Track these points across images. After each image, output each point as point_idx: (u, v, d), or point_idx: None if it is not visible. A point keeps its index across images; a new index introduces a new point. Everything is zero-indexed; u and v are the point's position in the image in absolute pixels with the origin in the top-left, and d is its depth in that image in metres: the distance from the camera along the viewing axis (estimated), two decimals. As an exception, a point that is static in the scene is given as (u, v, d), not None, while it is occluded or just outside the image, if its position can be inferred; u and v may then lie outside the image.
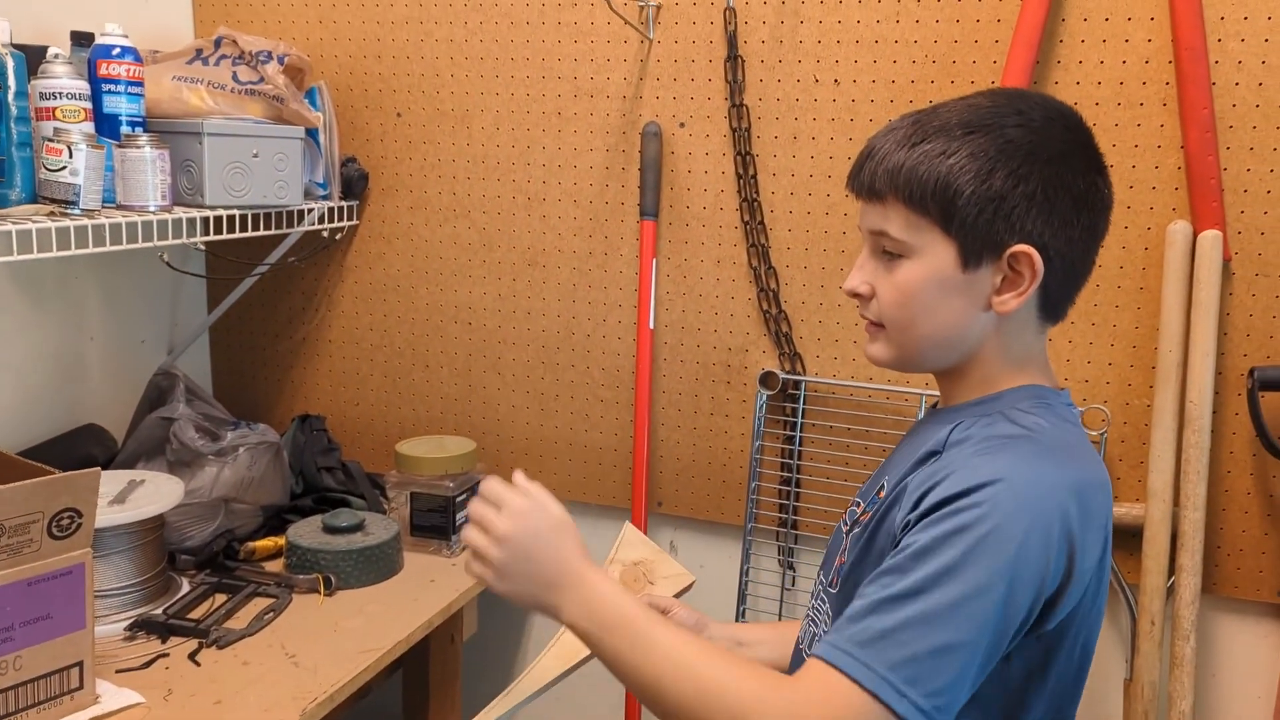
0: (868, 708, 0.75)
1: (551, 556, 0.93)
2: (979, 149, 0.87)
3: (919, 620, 0.76)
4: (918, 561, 0.79)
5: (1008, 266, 0.88)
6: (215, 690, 1.35)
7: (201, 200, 1.64)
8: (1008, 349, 0.93)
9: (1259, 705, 1.66)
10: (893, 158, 0.90)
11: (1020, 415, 0.89)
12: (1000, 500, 0.80)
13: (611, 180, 1.88)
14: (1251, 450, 1.59)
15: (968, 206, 0.87)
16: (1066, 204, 0.88)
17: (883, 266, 0.93)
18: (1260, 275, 1.55)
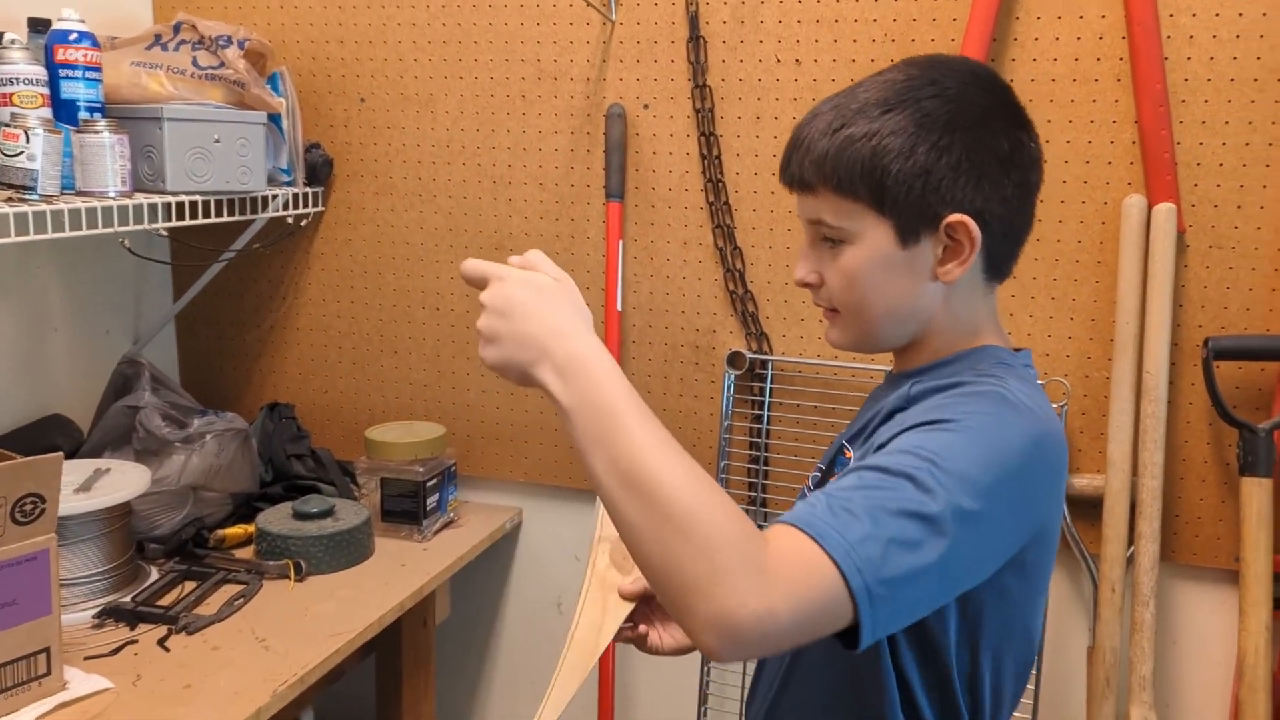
0: (825, 568, 0.73)
1: (541, 320, 0.82)
2: (899, 126, 0.88)
3: (885, 509, 0.76)
4: (888, 461, 0.79)
5: (946, 237, 0.89)
6: (185, 675, 1.35)
7: (163, 186, 1.63)
8: (959, 315, 0.94)
9: (1218, 670, 1.69)
10: (818, 147, 0.90)
11: (983, 375, 0.90)
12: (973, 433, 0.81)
13: (577, 163, 1.88)
14: (1207, 419, 1.62)
15: (896, 186, 0.88)
16: (993, 166, 0.89)
17: (826, 254, 0.93)
18: (1214, 247, 1.58)
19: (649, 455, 0.76)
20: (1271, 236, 1.55)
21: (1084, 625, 1.73)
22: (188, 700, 1.29)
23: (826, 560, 0.73)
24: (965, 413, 0.83)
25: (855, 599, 0.73)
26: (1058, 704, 1.76)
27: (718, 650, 0.73)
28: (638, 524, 0.75)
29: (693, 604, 0.72)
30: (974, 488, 0.78)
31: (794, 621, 0.73)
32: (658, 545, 0.74)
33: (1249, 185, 1.55)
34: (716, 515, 0.73)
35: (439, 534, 1.87)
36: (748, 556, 0.72)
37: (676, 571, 0.73)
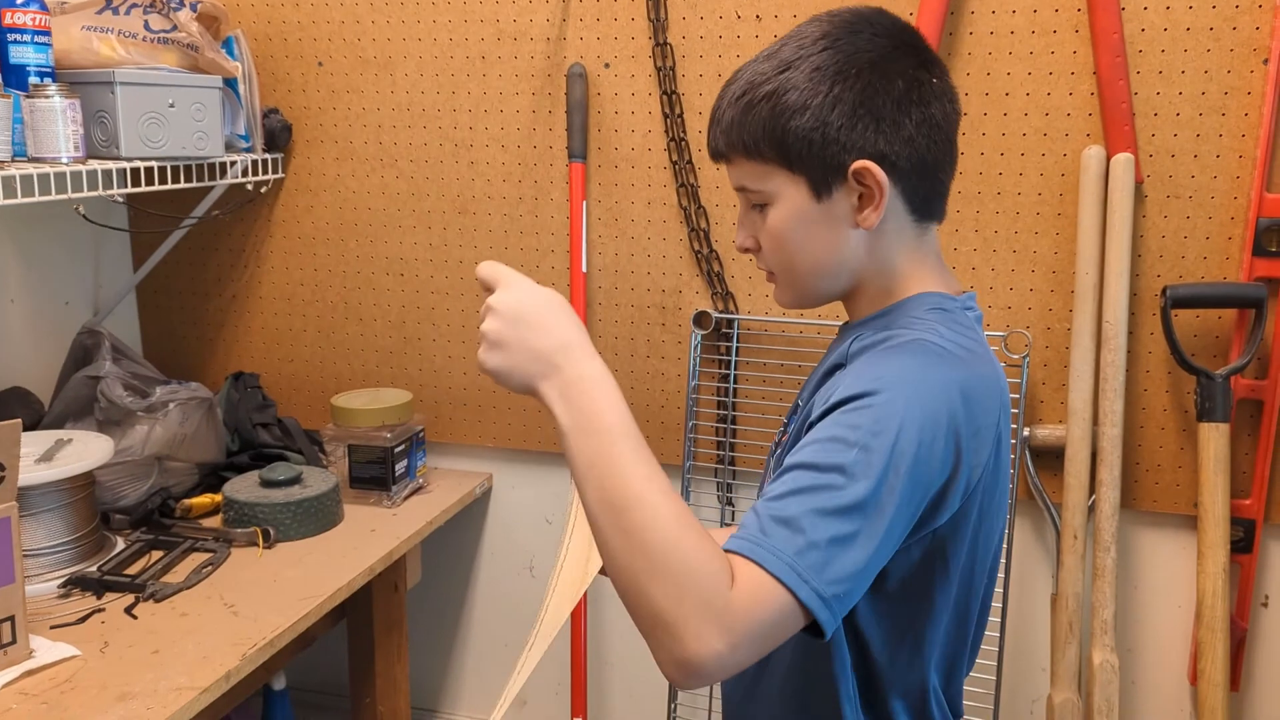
0: (775, 591, 0.76)
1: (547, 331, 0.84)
2: (794, 83, 0.90)
3: (820, 512, 0.78)
4: (815, 456, 0.81)
5: (856, 184, 0.91)
6: (153, 641, 1.35)
7: (117, 152, 1.61)
8: (890, 260, 0.95)
9: (1179, 614, 1.73)
10: (726, 117, 0.93)
11: (915, 323, 0.91)
12: (890, 397, 0.82)
13: (539, 124, 1.87)
14: (1166, 367, 1.64)
15: (798, 143, 0.89)
16: (889, 108, 0.90)
17: (758, 218, 0.96)
18: (1171, 196, 1.59)
19: (637, 487, 0.79)
20: (1227, 185, 1.57)
21: (1048, 573, 1.76)
22: (157, 665, 1.29)
23: (773, 582, 0.77)
24: (885, 377, 0.84)
25: (808, 606, 0.77)
26: (1023, 650, 1.79)
27: (681, 683, 0.78)
28: (617, 550, 0.79)
29: (660, 640, 0.77)
30: (902, 458, 0.80)
31: (753, 649, 0.77)
32: (632, 575, 0.78)
33: (1205, 134, 1.56)
34: (690, 556, 0.77)
35: (408, 500, 1.87)
36: (713, 599, 0.76)
37: (647, 605, 0.77)
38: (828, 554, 0.78)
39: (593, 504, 0.80)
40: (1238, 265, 1.58)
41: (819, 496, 0.79)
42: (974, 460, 0.86)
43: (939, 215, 0.96)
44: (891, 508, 0.80)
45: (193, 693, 1.23)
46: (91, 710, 1.19)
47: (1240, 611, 1.66)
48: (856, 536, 0.79)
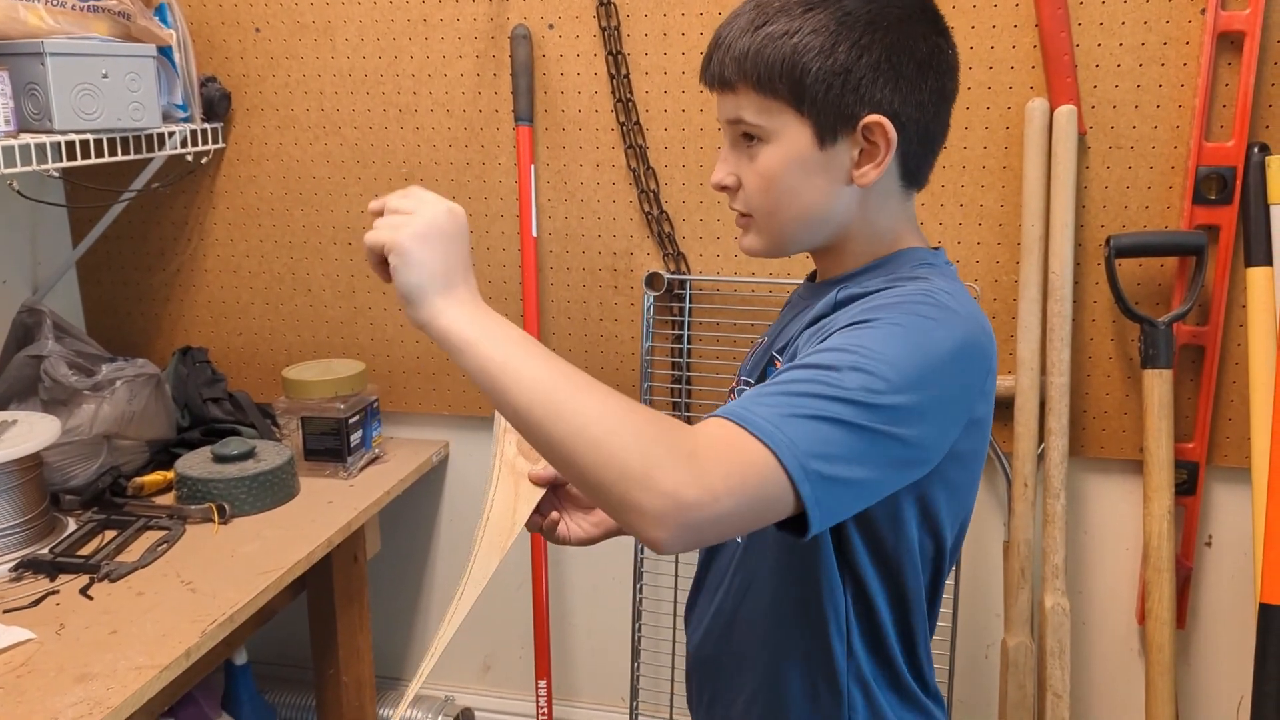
0: (756, 449, 0.74)
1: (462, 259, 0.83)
2: (820, 25, 0.87)
3: (811, 395, 0.77)
4: (819, 357, 0.80)
5: (863, 138, 0.89)
6: (110, 621, 1.33)
7: (50, 125, 1.56)
8: (876, 220, 0.95)
9: (1127, 556, 1.77)
10: (738, 44, 0.90)
11: (910, 278, 0.91)
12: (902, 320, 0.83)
13: (484, 87, 1.85)
14: (1111, 316, 1.67)
15: (816, 84, 0.87)
16: (911, 69, 0.89)
17: (744, 156, 0.93)
18: (1113, 147, 1.61)
19: (565, 366, 0.77)
20: (1168, 135, 1.59)
21: (1000, 521, 1.80)
22: (115, 645, 1.27)
23: (755, 442, 0.74)
24: (893, 313, 0.84)
25: (791, 477, 0.74)
26: (977, 596, 1.84)
27: (666, 540, 0.73)
28: (565, 430, 0.75)
29: (633, 499, 0.72)
30: (904, 379, 0.79)
31: (735, 503, 0.73)
32: (589, 445, 0.74)
33: (1145, 85, 1.58)
34: (642, 410, 0.75)
35: (365, 470, 1.86)
36: (675, 445, 0.73)
37: (612, 467, 0.73)
38: (815, 430, 0.75)
39: (523, 399, 0.76)
40: (1179, 214, 1.61)
41: (815, 384, 0.77)
42: (973, 408, 0.87)
43: (923, 184, 0.96)
44: (891, 420, 0.78)
45: (153, 671, 1.22)
46: (50, 693, 1.18)
47: (1185, 552, 1.71)
48: (849, 427, 0.76)
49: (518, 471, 1.07)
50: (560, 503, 1.11)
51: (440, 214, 0.82)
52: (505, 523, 1.03)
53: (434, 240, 0.81)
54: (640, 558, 1.92)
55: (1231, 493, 1.71)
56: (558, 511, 1.09)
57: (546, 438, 0.76)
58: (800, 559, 0.94)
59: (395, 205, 0.84)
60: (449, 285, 0.81)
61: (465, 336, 0.79)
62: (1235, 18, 1.52)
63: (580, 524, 1.11)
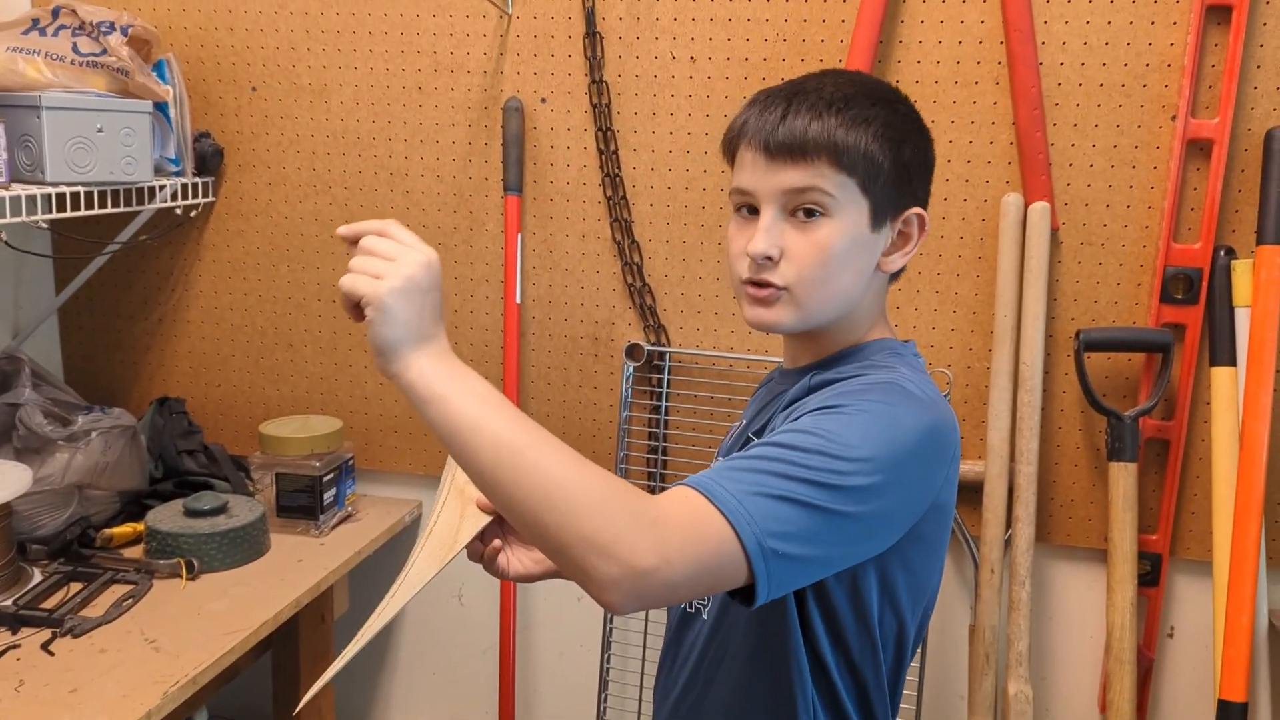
0: (717, 522, 0.77)
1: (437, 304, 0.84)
2: (889, 120, 0.95)
3: (780, 474, 0.79)
4: (787, 437, 0.83)
5: (899, 229, 0.98)
6: (70, 679, 1.32)
7: (43, 177, 1.58)
8: (869, 304, 1.00)
9: (1091, 644, 1.79)
10: (823, 121, 0.93)
11: (880, 365, 0.96)
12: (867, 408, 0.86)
13: (475, 155, 1.88)
14: (1079, 407, 1.70)
15: (889, 171, 0.94)
16: (929, 171, 1.00)
17: (794, 228, 0.95)
18: (1085, 244, 1.66)
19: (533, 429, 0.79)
20: (1137, 234, 1.64)
21: (966, 604, 1.81)
22: (74, 705, 1.26)
23: (716, 513, 0.77)
24: (861, 399, 0.87)
25: (746, 551, 0.76)
26: (942, 679, 1.84)
27: (619, 603, 0.75)
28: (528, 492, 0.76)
29: (591, 564, 0.74)
30: (868, 462, 0.82)
31: (689, 571, 0.76)
32: (549, 509, 0.75)
33: (1117, 185, 1.63)
34: (605, 478, 0.77)
35: (337, 528, 1.85)
36: (637, 512, 0.75)
37: (571, 534, 0.75)
38: (777, 508, 0.78)
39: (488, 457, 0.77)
40: (1146, 311, 1.65)
41: (780, 464, 0.80)
42: (937, 493, 0.90)
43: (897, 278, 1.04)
44: (851, 503, 0.81)
45: (111, 734, 1.21)
46: (5, 753, 1.16)
47: (1147, 642, 1.73)
48: (809, 506, 0.79)
49: (466, 496, 1.11)
50: (504, 535, 1.13)
51: (419, 268, 0.83)
52: (446, 540, 1.06)
53: (412, 295, 0.82)
54: (609, 627, 1.92)
55: (1194, 585, 1.73)
56: (500, 541, 1.11)
57: (509, 497, 0.77)
58: (768, 642, 0.96)
59: (372, 247, 0.84)
60: (422, 338, 0.82)
61: (435, 391, 0.80)
62: (1204, 126, 1.58)
63: (521, 559, 1.13)
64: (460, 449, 0.79)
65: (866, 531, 0.85)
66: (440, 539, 1.07)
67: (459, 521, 1.08)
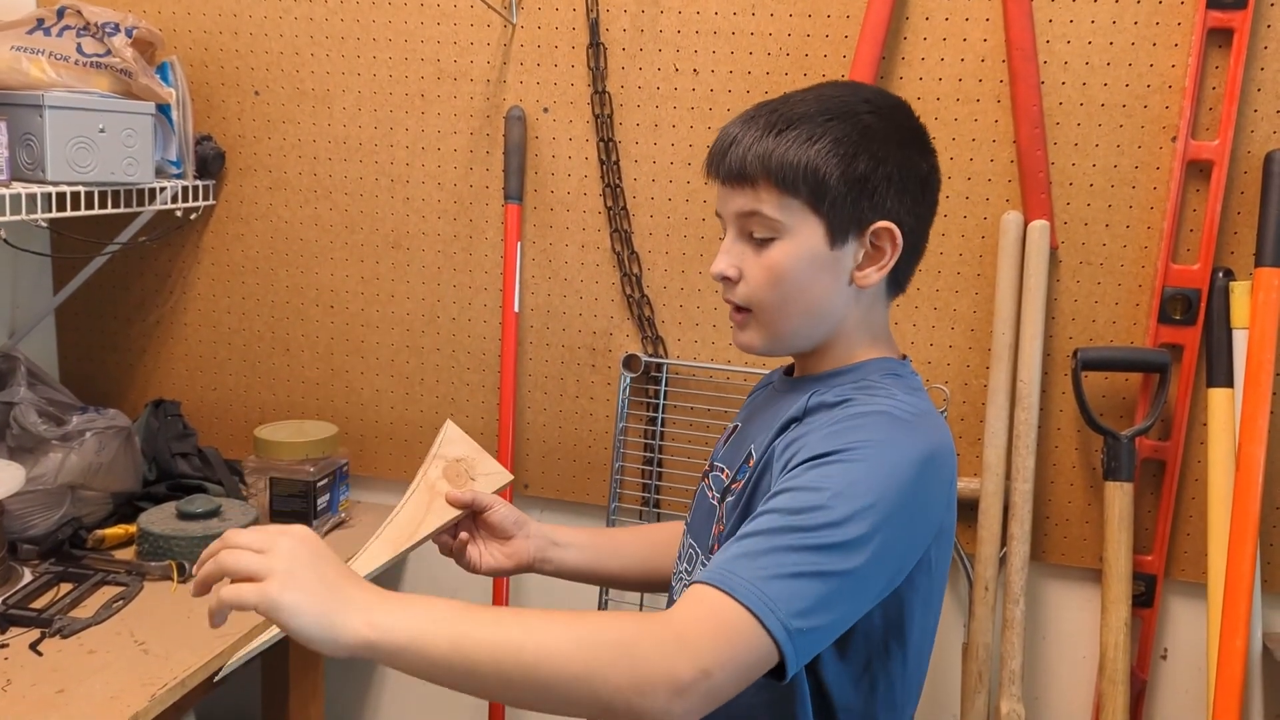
0: (740, 616, 0.77)
1: (344, 575, 0.80)
2: (842, 134, 0.94)
3: (788, 548, 0.80)
4: (786, 502, 0.84)
5: (869, 243, 0.96)
6: (58, 679, 1.31)
7: (43, 176, 1.58)
8: (862, 322, 1.00)
9: (1084, 664, 1.78)
10: (761, 144, 0.95)
11: (874, 388, 0.95)
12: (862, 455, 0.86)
13: (476, 164, 1.88)
14: (1076, 426, 1.70)
15: (837, 187, 0.93)
16: (915, 185, 0.97)
17: (750, 249, 0.97)
18: (1084, 263, 1.66)
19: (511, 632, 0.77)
20: (1136, 254, 1.64)
21: (960, 623, 1.80)
22: (61, 706, 1.25)
23: (737, 607, 0.78)
24: (856, 441, 0.87)
25: (774, 638, 0.78)
26: (936, 699, 1.83)
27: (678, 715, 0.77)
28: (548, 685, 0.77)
29: (639, 706, 0.76)
30: (871, 512, 0.83)
31: (728, 672, 0.78)
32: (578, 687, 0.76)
33: (1116, 205, 1.63)
34: (607, 625, 0.78)
35: (330, 534, 1.85)
36: (659, 639, 0.77)
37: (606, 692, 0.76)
38: (795, 586, 0.79)
39: (489, 670, 0.77)
40: (1144, 331, 1.65)
41: (789, 536, 0.81)
42: (939, 520, 0.90)
43: (904, 290, 1.03)
44: (862, 558, 0.82)
45: (98, 735, 1.20)
46: (-10, 753, 1.16)
47: (1140, 664, 1.72)
48: (826, 576, 0.80)
49: (436, 491, 1.12)
50: (475, 530, 1.14)
51: (290, 544, 0.80)
52: (407, 528, 1.07)
53: (302, 572, 0.78)
54: (600, 639, 1.91)
55: (1188, 606, 1.72)
56: (468, 534, 1.12)
57: (536, 694, 0.77)
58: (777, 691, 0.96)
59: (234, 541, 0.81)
60: (343, 601, 0.78)
61: (399, 640, 0.77)
62: (1204, 147, 1.58)
63: (494, 553, 1.14)
64: (461, 678, 0.77)
65: (879, 578, 0.86)
66: (400, 527, 1.08)
67: (423, 514, 1.10)
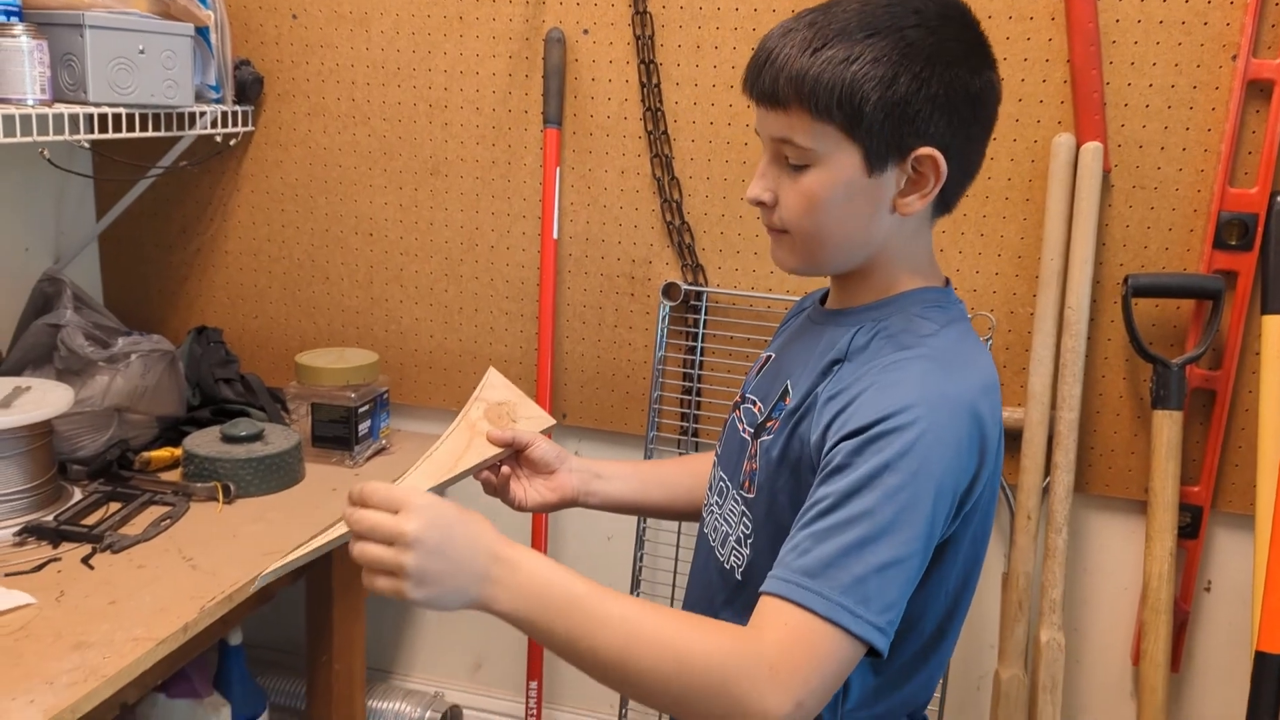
0: (827, 635, 0.78)
1: (471, 546, 0.84)
2: (881, 53, 0.87)
3: (860, 544, 0.80)
4: (850, 489, 0.82)
5: (911, 169, 0.90)
6: (109, 591, 1.34)
7: (85, 96, 1.58)
8: (905, 249, 0.95)
9: (1125, 595, 1.77)
10: (795, 64, 0.88)
11: (919, 324, 0.92)
12: (917, 423, 0.83)
13: (514, 88, 1.86)
14: (1124, 354, 1.67)
15: (874, 113, 0.87)
16: (965, 104, 0.89)
17: (785, 173, 0.92)
18: (1137, 187, 1.62)
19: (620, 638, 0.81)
20: (1192, 178, 1.60)
21: (1000, 552, 1.79)
22: (113, 615, 1.28)
23: (828, 628, 0.79)
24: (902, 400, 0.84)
25: (865, 640, 0.79)
26: (973, 627, 1.83)
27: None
28: (639, 695, 0.82)
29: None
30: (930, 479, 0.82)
31: (820, 698, 0.80)
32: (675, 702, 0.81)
33: (1173, 127, 1.59)
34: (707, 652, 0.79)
35: (371, 460, 1.86)
36: (753, 670, 0.78)
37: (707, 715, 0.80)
38: (873, 585, 0.80)
39: (593, 671, 0.83)
40: (1198, 257, 1.61)
41: (854, 529, 0.81)
42: (990, 466, 0.89)
43: (951, 211, 0.97)
44: (924, 526, 0.82)
45: (150, 644, 1.22)
46: (46, 658, 1.18)
47: (1184, 595, 1.70)
48: (896, 562, 0.81)
49: (476, 430, 1.12)
50: (518, 467, 1.14)
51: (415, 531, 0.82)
52: (445, 463, 1.07)
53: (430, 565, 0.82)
54: (639, 566, 1.92)
55: (1234, 539, 1.70)
56: (514, 474, 1.13)
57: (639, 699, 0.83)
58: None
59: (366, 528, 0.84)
60: (470, 580, 0.84)
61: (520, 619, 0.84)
62: (1265, 66, 1.53)
63: (538, 489, 1.14)
64: (567, 659, 0.84)
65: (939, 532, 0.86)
66: (439, 462, 1.08)
67: (463, 450, 1.09)
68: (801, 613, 0.79)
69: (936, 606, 0.93)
